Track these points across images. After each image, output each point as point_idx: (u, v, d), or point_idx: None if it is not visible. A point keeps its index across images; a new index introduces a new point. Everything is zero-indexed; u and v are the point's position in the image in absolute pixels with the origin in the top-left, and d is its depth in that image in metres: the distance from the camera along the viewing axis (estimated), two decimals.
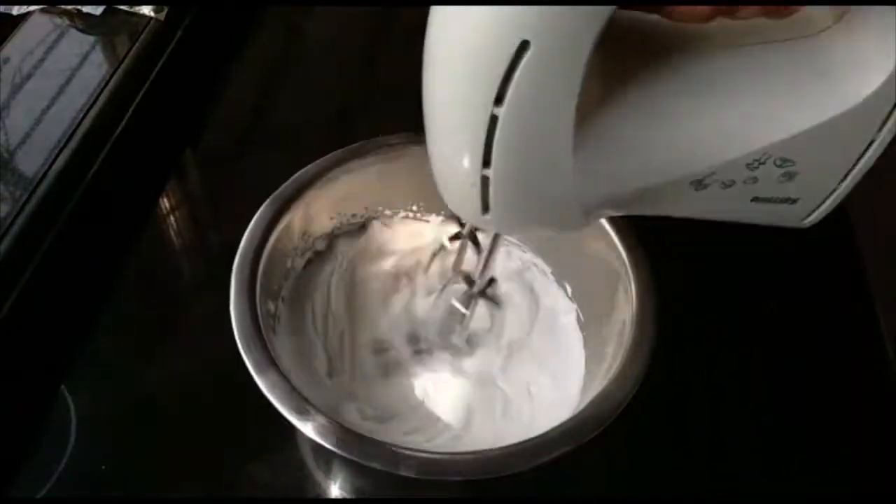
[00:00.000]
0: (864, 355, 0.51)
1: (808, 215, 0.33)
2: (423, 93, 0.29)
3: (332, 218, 0.46)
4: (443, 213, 0.49)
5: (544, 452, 0.34)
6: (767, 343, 0.51)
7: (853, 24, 0.28)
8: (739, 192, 0.31)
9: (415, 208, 0.49)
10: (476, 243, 0.40)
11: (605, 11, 0.24)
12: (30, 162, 0.52)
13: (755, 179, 0.31)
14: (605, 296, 0.42)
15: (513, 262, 0.48)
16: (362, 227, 0.48)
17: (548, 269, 0.47)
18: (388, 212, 0.48)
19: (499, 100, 0.26)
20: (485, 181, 0.29)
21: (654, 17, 0.27)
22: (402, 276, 0.48)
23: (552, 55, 0.25)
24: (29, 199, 0.50)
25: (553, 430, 0.35)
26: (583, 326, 0.45)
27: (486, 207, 0.30)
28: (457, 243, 0.41)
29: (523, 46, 0.24)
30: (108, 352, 0.49)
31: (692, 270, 0.42)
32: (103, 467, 0.44)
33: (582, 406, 0.36)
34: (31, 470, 0.44)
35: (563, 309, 0.46)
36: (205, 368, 0.48)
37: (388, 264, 0.48)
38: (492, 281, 0.41)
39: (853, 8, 0.28)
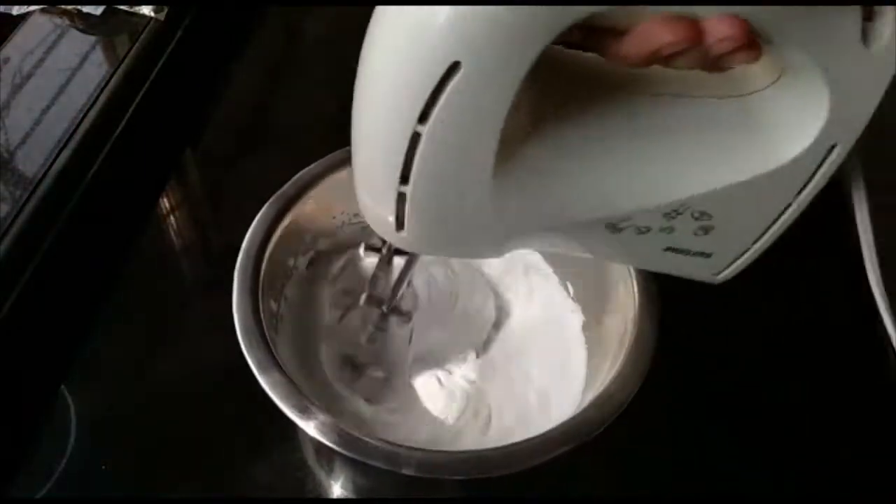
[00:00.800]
0: (865, 355, 0.51)
1: (721, 271, 0.33)
2: (354, 100, 0.28)
3: (334, 217, 0.46)
4: None
5: (544, 452, 0.34)
6: (768, 343, 0.51)
7: (784, 89, 0.28)
8: (654, 240, 0.31)
9: None
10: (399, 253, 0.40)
11: (539, 42, 0.24)
12: (30, 162, 0.52)
13: (671, 229, 0.31)
14: (607, 296, 0.42)
15: (516, 262, 0.48)
16: (366, 227, 0.48)
17: (550, 270, 0.47)
18: None
19: (423, 118, 0.25)
20: (401, 197, 0.28)
21: (592, 55, 0.27)
22: None
23: (482, 80, 0.24)
24: (29, 199, 0.50)
25: (553, 430, 0.35)
26: (585, 326, 0.45)
27: (400, 224, 0.29)
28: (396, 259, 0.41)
29: (454, 67, 0.24)
30: (108, 352, 0.49)
31: None
32: (103, 467, 0.44)
33: (583, 406, 0.36)
34: (31, 470, 0.44)
35: (565, 309, 0.46)
36: (205, 368, 0.48)
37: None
38: (406, 312, 0.41)
39: (787, 74, 0.28)
